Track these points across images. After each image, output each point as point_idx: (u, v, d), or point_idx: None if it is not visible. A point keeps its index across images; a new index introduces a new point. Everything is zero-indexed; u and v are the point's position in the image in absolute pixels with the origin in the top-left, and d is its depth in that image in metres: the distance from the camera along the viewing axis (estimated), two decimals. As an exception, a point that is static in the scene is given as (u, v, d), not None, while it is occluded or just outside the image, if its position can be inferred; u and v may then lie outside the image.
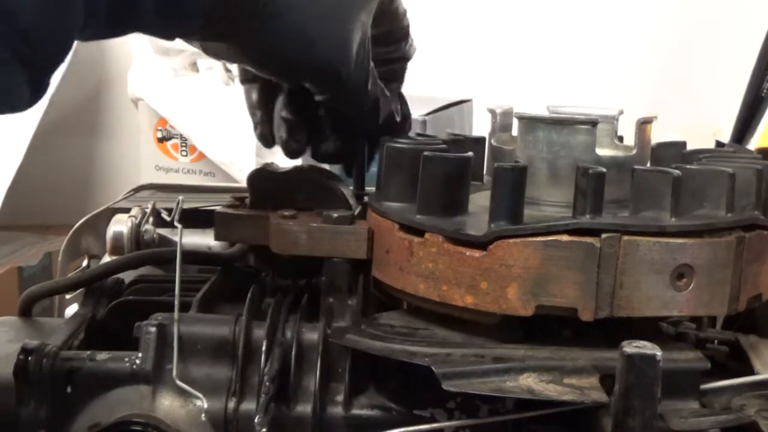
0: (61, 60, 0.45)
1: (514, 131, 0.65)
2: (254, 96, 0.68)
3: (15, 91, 0.44)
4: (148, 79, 1.83)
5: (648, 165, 0.62)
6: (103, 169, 2.19)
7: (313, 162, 0.69)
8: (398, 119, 0.67)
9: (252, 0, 0.54)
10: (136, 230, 0.80)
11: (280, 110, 0.67)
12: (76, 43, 0.47)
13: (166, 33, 0.56)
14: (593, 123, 0.58)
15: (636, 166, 0.56)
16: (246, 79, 0.69)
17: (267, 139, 0.69)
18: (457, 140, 0.67)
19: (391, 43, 0.67)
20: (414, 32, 0.68)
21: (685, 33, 1.94)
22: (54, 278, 0.78)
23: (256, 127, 0.69)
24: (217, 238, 0.66)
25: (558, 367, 0.52)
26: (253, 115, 0.69)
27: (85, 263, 0.85)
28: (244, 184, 0.68)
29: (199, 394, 0.55)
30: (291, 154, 0.68)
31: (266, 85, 0.67)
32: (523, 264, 0.52)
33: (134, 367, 0.56)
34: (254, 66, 0.63)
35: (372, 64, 0.63)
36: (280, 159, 0.73)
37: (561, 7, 1.97)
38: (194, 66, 1.82)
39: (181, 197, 0.64)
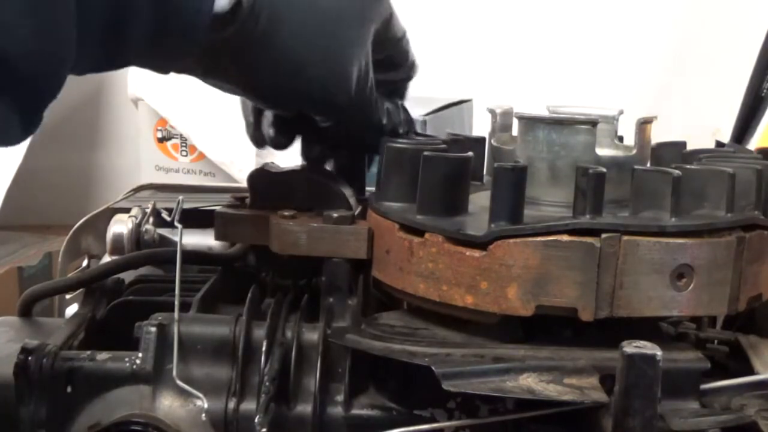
0: (53, 96, 0.45)
1: (514, 131, 0.65)
2: (249, 103, 0.68)
3: (6, 127, 0.44)
4: (148, 79, 1.83)
5: (648, 165, 0.62)
6: (103, 169, 2.18)
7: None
8: (401, 130, 0.68)
9: (247, 33, 0.54)
10: (137, 230, 0.80)
11: (268, 126, 0.67)
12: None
13: (161, 68, 0.56)
14: (593, 123, 0.58)
15: (636, 166, 0.56)
16: None
17: (258, 141, 0.69)
18: (457, 140, 0.67)
19: (393, 68, 0.67)
20: (414, 32, 0.68)
21: (685, 33, 1.94)
22: (54, 278, 0.78)
23: (248, 128, 0.69)
24: (217, 238, 0.66)
25: (558, 367, 0.52)
26: (246, 118, 0.70)
27: (85, 263, 0.85)
28: (244, 184, 0.68)
29: (199, 394, 0.55)
30: (278, 147, 0.68)
31: None
32: (523, 264, 0.52)
33: (134, 367, 0.56)
34: (251, 98, 0.63)
35: (374, 86, 0.63)
36: (280, 159, 0.73)
37: (561, 7, 1.97)
38: (194, 66, 1.82)
39: (181, 197, 0.64)
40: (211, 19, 0.51)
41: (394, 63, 0.67)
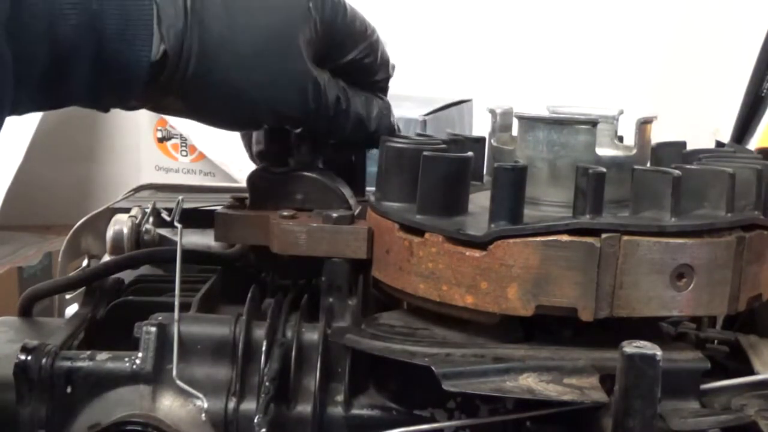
0: None
1: (514, 131, 0.64)
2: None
3: None
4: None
5: (648, 165, 0.62)
6: (103, 169, 2.18)
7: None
8: (390, 121, 0.68)
9: (183, 74, 0.57)
10: (136, 230, 0.80)
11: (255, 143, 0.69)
12: None
13: (103, 109, 0.59)
14: (593, 123, 0.58)
15: (636, 166, 0.56)
16: None
17: (256, 159, 0.70)
18: (457, 140, 0.67)
19: (367, 67, 0.66)
20: (415, 32, 0.68)
21: (685, 33, 1.94)
22: (54, 278, 0.78)
23: (248, 153, 0.72)
24: (217, 238, 0.66)
25: (558, 367, 0.52)
26: (245, 147, 0.73)
27: (85, 263, 0.85)
28: (244, 184, 0.68)
29: (199, 394, 0.55)
30: (273, 159, 0.68)
31: None
32: (523, 264, 0.52)
33: (134, 367, 0.56)
34: (208, 124, 0.64)
35: (343, 90, 0.64)
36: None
37: (561, 7, 1.97)
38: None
39: (181, 197, 0.64)
40: (147, 69, 0.55)
41: (366, 62, 0.66)
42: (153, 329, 0.57)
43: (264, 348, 0.56)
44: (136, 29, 0.54)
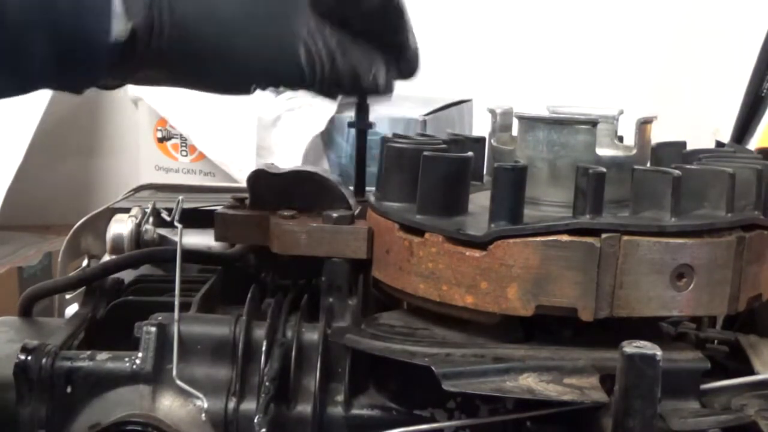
0: None
1: (514, 131, 0.64)
2: None
3: None
4: (148, 79, 1.83)
5: (648, 165, 0.62)
6: (103, 169, 2.18)
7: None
8: (396, 75, 0.63)
9: (161, 47, 0.53)
10: (137, 230, 0.80)
11: None
12: None
13: (74, 90, 0.56)
14: (593, 123, 0.58)
15: (636, 166, 0.56)
16: None
17: None
18: (457, 140, 0.67)
19: (368, 17, 0.60)
20: (415, 32, 0.67)
21: (685, 33, 1.94)
22: (54, 278, 0.78)
23: None
24: (217, 238, 0.66)
25: (558, 367, 0.52)
26: None
27: (85, 263, 0.85)
28: (244, 184, 0.68)
29: (199, 394, 0.55)
30: None
31: None
32: (523, 264, 0.52)
33: (134, 367, 0.56)
34: (198, 90, 0.61)
35: (340, 39, 0.58)
36: (279, 159, 0.73)
37: (561, 7, 1.97)
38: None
39: (181, 197, 0.64)
40: (112, 47, 0.51)
41: (384, 17, 0.61)
42: (153, 329, 0.57)
43: (264, 348, 0.56)
44: (93, 8, 0.51)
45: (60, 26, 0.50)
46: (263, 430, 0.53)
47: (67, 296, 0.83)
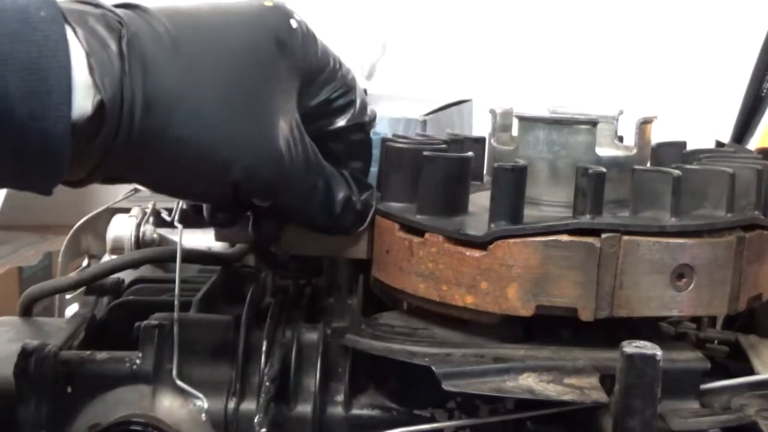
0: None
1: (514, 131, 0.64)
2: None
3: None
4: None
5: (648, 165, 0.62)
6: (103, 169, 2.18)
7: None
8: (358, 207, 0.58)
9: (128, 133, 0.46)
10: (137, 230, 0.80)
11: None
12: None
13: (36, 188, 0.47)
14: (593, 123, 0.58)
15: (636, 166, 0.56)
16: None
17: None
18: (457, 140, 0.67)
19: (333, 113, 0.57)
20: (415, 32, 0.67)
21: (685, 33, 1.94)
22: (54, 278, 0.78)
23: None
24: (217, 238, 0.66)
25: (558, 367, 0.52)
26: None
27: (85, 263, 0.85)
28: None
29: (199, 394, 0.55)
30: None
31: None
32: (523, 264, 0.52)
33: (134, 367, 0.56)
34: (166, 195, 0.55)
35: (310, 144, 0.54)
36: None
37: (561, 6, 1.97)
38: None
39: (181, 197, 0.64)
40: (75, 128, 0.44)
41: (334, 107, 0.56)
42: (153, 329, 0.57)
43: (264, 348, 0.56)
44: (48, 82, 0.42)
45: (13, 111, 0.42)
46: (263, 430, 0.53)
47: (67, 296, 0.83)
